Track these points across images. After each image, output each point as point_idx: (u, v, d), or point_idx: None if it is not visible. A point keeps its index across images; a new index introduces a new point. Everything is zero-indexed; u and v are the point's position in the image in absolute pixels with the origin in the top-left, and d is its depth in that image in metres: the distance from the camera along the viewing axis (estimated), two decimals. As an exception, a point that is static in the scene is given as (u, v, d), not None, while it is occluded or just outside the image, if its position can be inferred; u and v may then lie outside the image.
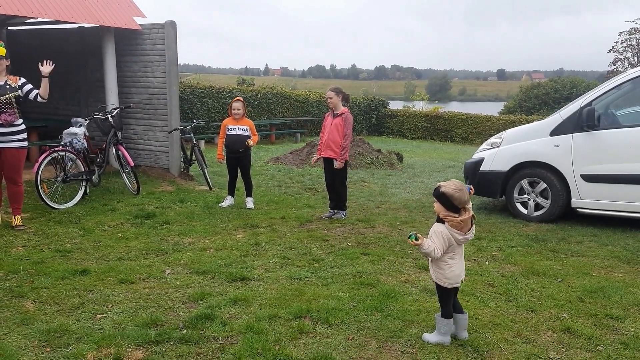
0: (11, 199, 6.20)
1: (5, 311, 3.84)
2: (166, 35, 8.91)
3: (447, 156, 15.12)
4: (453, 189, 3.41)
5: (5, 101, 5.95)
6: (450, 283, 3.53)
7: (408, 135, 21.89)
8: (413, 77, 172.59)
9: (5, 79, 6.03)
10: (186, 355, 3.28)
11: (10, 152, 6.04)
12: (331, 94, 7.04)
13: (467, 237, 3.48)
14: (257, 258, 5.31)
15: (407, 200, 8.45)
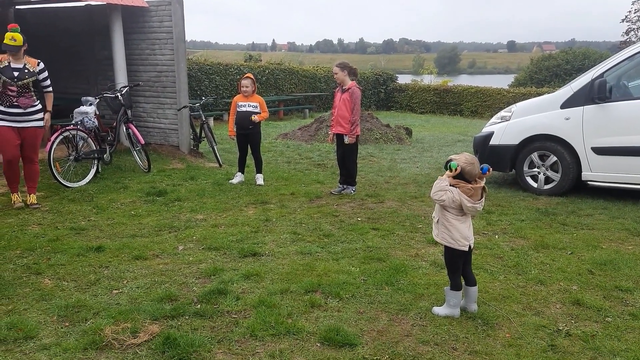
0: (27, 177, 6.30)
1: (24, 287, 3.94)
2: (173, 12, 8.85)
3: (457, 130, 15.03)
4: (464, 162, 3.44)
5: (24, 85, 6.00)
6: (456, 244, 3.53)
7: (417, 109, 21.75)
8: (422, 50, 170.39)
9: (24, 62, 6.05)
10: (201, 329, 3.36)
11: (29, 131, 6.13)
12: (336, 70, 7.00)
13: (476, 206, 3.48)
14: (268, 234, 5.37)
15: (416, 175, 8.45)
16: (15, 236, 5.12)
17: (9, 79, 5.90)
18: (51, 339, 3.20)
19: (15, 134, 6.04)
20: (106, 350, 3.09)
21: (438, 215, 3.60)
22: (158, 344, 3.12)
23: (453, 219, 3.53)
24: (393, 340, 3.28)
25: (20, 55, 6.01)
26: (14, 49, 5.88)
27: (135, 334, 3.25)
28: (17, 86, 5.95)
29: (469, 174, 3.44)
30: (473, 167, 3.44)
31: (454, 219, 3.53)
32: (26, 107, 6.05)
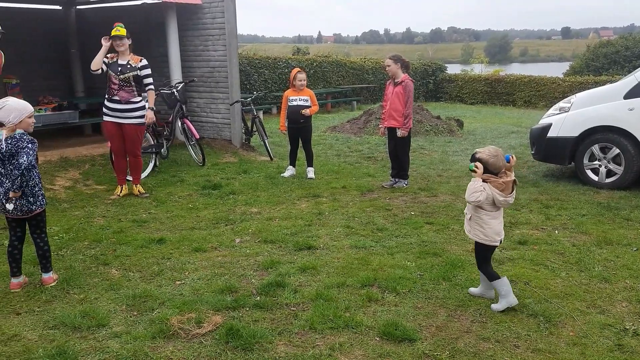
0: (132, 169, 6.74)
1: (94, 277, 4.14)
2: (226, 8, 9.00)
3: (510, 121, 14.65)
4: (488, 155, 3.48)
5: (125, 79, 6.30)
6: (489, 240, 3.58)
7: (467, 100, 21.30)
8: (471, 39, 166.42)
9: (128, 59, 6.39)
10: (261, 321, 3.44)
11: (129, 127, 6.45)
12: (389, 62, 6.96)
13: (508, 199, 3.51)
14: (322, 227, 5.42)
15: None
16: (83, 228, 5.37)
17: (114, 73, 6.32)
18: (121, 327, 3.36)
19: (118, 129, 6.42)
20: (173, 339, 3.22)
21: (470, 213, 3.65)
22: (222, 335, 3.22)
23: (486, 216, 3.57)
24: (452, 337, 3.26)
25: (125, 49, 6.36)
26: (118, 37, 6.27)
27: (200, 324, 3.36)
28: (119, 79, 6.29)
29: (493, 166, 3.48)
30: (497, 159, 3.47)
31: (486, 216, 3.57)
32: (125, 101, 6.34)
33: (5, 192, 3.76)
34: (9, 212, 3.79)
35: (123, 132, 6.47)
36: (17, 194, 3.75)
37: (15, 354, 3.04)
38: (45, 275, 3.98)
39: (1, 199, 3.77)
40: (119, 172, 6.69)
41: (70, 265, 4.36)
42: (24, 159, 3.69)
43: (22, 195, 3.79)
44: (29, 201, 3.83)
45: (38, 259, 4.00)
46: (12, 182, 3.71)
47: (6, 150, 3.70)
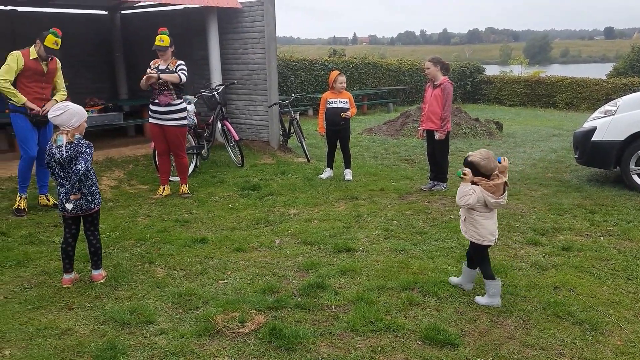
0: (178, 170, 6.94)
1: (140, 275, 4.27)
2: (265, 11, 9.12)
3: (550, 124, 14.33)
4: (479, 158, 3.60)
5: (163, 83, 6.47)
6: (484, 240, 3.71)
7: (506, 102, 20.94)
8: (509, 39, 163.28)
9: (168, 63, 6.56)
10: (303, 322, 3.48)
11: (170, 130, 6.62)
12: (429, 65, 6.92)
13: (499, 201, 3.62)
14: (360, 230, 5.43)
15: (509, 172, 8.13)
16: (128, 227, 5.53)
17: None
18: (168, 324, 3.45)
19: (161, 130, 6.61)
20: (218, 337, 3.29)
21: (465, 214, 3.77)
22: (265, 334, 3.28)
23: (479, 217, 3.68)
24: (496, 342, 3.23)
25: (167, 56, 6.53)
26: (161, 49, 6.45)
27: (243, 323, 3.43)
28: (158, 84, 6.46)
29: (485, 169, 3.58)
30: (488, 161, 3.58)
31: (480, 216, 3.68)
32: (165, 104, 6.51)
33: (65, 193, 3.93)
34: (68, 211, 3.96)
35: (165, 134, 6.64)
36: (77, 196, 3.94)
37: (69, 347, 3.17)
38: (95, 272, 4.13)
39: (61, 199, 3.95)
40: (162, 173, 6.86)
41: (117, 263, 4.50)
42: (81, 165, 3.87)
43: (81, 196, 3.96)
44: (87, 200, 4.00)
45: (89, 256, 4.15)
46: (72, 186, 3.90)
47: (67, 156, 3.87)
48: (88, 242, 4.13)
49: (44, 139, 5.96)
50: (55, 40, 5.74)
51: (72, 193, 3.92)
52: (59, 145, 3.89)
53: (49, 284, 4.09)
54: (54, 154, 3.88)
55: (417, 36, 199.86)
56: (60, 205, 4.00)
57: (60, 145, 3.88)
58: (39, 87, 5.86)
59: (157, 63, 6.60)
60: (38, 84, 5.88)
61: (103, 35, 11.44)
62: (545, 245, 4.92)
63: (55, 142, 3.91)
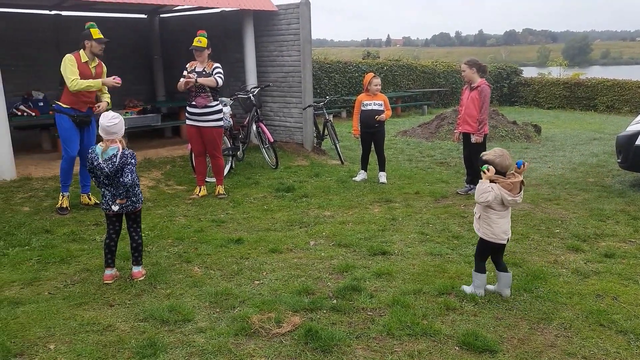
0: (214, 171, 7.04)
1: (178, 274, 4.34)
2: (301, 14, 9.17)
3: (591, 127, 13.95)
4: (494, 155, 3.70)
5: (200, 86, 6.57)
6: (496, 239, 3.77)
7: (544, 104, 20.47)
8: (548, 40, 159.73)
9: (205, 66, 6.67)
10: (339, 324, 3.48)
11: (207, 131, 6.73)
12: (464, 67, 6.84)
13: (516, 199, 3.70)
14: (395, 233, 5.40)
15: (548, 176, 8.00)
16: (166, 226, 5.64)
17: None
18: (205, 323, 3.50)
19: (197, 131, 6.72)
20: (254, 337, 3.32)
21: (480, 212, 3.83)
22: (301, 335, 3.29)
23: (494, 215, 3.75)
24: (536, 350, 3.16)
25: (203, 58, 6.63)
26: (198, 49, 6.56)
27: (280, 324, 3.45)
28: (195, 87, 6.56)
29: (500, 166, 3.68)
30: (503, 158, 3.68)
31: (495, 215, 3.75)
32: (202, 107, 6.62)
33: (112, 195, 4.05)
34: (114, 211, 4.07)
35: (202, 135, 6.73)
36: (123, 201, 4.09)
37: (111, 343, 3.25)
38: (136, 269, 4.22)
39: (107, 201, 4.07)
40: (199, 174, 6.97)
41: (156, 262, 4.59)
42: (128, 178, 4.01)
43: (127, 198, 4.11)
44: (132, 201, 4.14)
45: (131, 252, 4.25)
46: (119, 193, 4.06)
47: (114, 169, 3.98)
48: (131, 238, 4.24)
49: (87, 140, 6.14)
50: (98, 30, 5.92)
51: (119, 198, 4.07)
52: (109, 157, 3.98)
53: (91, 281, 4.21)
54: (102, 169, 3.97)
55: (452, 37, 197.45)
56: (105, 204, 4.10)
57: (110, 157, 3.98)
58: (87, 91, 6.03)
59: (194, 65, 6.70)
60: None
61: (142, 39, 11.71)
62: (587, 252, 4.79)
63: (103, 154, 3.99)
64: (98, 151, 4.02)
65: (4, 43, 9.80)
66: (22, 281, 4.23)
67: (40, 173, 7.53)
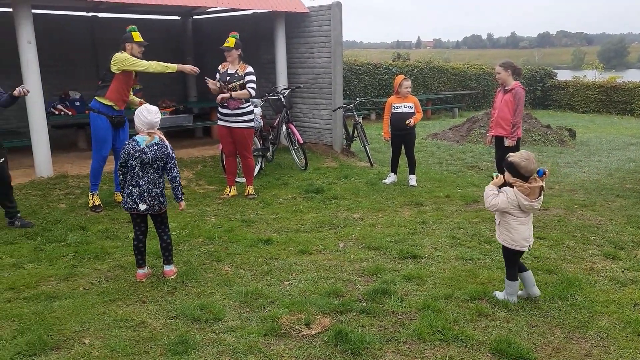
0: (244, 171, 7.12)
1: (209, 273, 4.39)
2: (332, 16, 9.17)
3: (628, 132, 13.58)
4: (520, 158, 3.62)
5: (232, 88, 6.66)
6: (516, 246, 3.71)
7: (578, 108, 20.03)
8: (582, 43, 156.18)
9: (237, 68, 6.75)
10: (369, 327, 3.46)
11: (238, 131, 6.81)
12: (499, 69, 6.72)
13: (533, 204, 3.63)
14: (426, 236, 5.35)
15: (583, 181, 7.81)
16: (197, 225, 5.71)
17: (223, 83, 6.67)
18: (236, 322, 3.53)
19: (229, 132, 6.79)
20: (284, 337, 3.33)
21: (499, 218, 3.78)
22: (330, 337, 3.29)
23: (514, 222, 3.69)
24: (571, 359, 3.09)
25: (233, 58, 6.69)
26: (225, 49, 6.64)
27: (309, 325, 3.45)
28: (227, 89, 6.63)
29: (525, 169, 3.59)
30: (528, 162, 3.59)
31: (514, 221, 3.69)
32: (233, 109, 6.70)
33: (140, 194, 4.09)
34: (140, 210, 4.12)
35: (233, 135, 6.79)
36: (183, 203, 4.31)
37: (144, 339, 3.30)
38: (167, 268, 4.28)
39: (135, 199, 4.10)
40: (229, 174, 7.03)
41: (187, 260, 4.65)
42: (176, 172, 4.18)
43: (155, 197, 4.14)
44: (160, 201, 4.18)
45: (161, 252, 4.31)
46: (175, 193, 4.23)
47: (154, 156, 4.08)
48: (160, 239, 4.29)
49: (119, 140, 6.26)
50: (139, 34, 6.10)
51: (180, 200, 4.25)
52: (152, 144, 4.07)
53: (124, 278, 4.28)
54: (145, 153, 4.06)
55: (483, 39, 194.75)
56: (132, 203, 4.11)
57: (152, 145, 4.08)
58: (127, 90, 6.19)
59: (226, 67, 6.75)
60: (127, 87, 6.20)
61: (175, 40, 11.89)
62: (624, 260, 4.65)
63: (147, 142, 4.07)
64: (141, 141, 4.08)
65: (43, 44, 10.06)
66: (58, 276, 4.33)
67: (76, 171, 7.71)
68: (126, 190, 4.16)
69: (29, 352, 3.14)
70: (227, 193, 6.96)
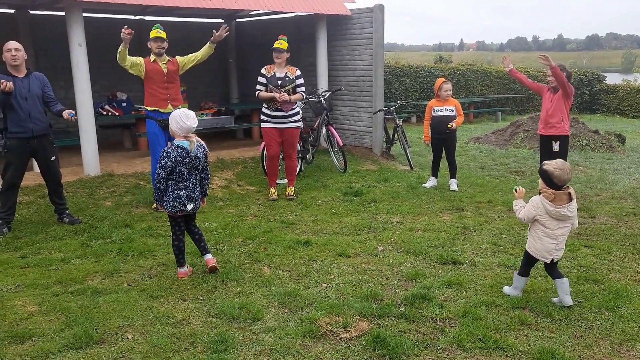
0: (287, 172, 7.20)
1: (248, 273, 4.44)
2: (374, 18, 9.15)
3: (682, 138, 13.00)
4: (554, 167, 3.62)
5: (286, 91, 6.74)
6: (538, 255, 3.77)
7: (628, 113, 19.32)
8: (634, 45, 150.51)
9: (286, 71, 6.83)
10: (407, 332, 3.42)
11: (290, 131, 6.92)
12: (549, 72, 6.55)
13: (559, 210, 3.62)
14: (466, 242, 5.26)
15: (633, 189, 7.52)
16: (237, 225, 5.78)
17: (274, 87, 6.71)
18: (274, 322, 3.55)
19: (278, 134, 6.87)
20: (322, 340, 3.33)
21: (530, 225, 3.86)
22: (368, 341, 3.27)
23: (540, 231, 3.73)
24: (619, 374, 2.97)
25: (282, 60, 6.75)
26: (279, 50, 6.69)
27: (347, 328, 3.44)
28: (282, 93, 6.69)
29: (558, 179, 3.60)
30: (562, 172, 3.60)
31: (541, 231, 3.72)
32: (287, 111, 6.79)
33: (187, 196, 4.18)
34: (188, 211, 4.21)
35: (283, 136, 6.86)
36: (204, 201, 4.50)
37: (185, 336, 3.36)
38: (208, 256, 4.39)
39: (183, 201, 4.19)
40: (272, 175, 7.08)
41: (227, 260, 4.71)
42: (209, 171, 4.35)
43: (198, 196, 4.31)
44: (200, 199, 4.34)
45: (197, 244, 4.43)
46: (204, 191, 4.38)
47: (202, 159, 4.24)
48: (191, 233, 4.43)
49: None
50: (156, 30, 6.24)
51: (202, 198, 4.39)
52: (196, 148, 4.19)
53: (166, 275, 4.38)
54: (199, 159, 4.19)
55: (529, 42, 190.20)
56: (180, 205, 4.17)
57: (198, 147, 4.20)
58: (162, 88, 6.32)
59: (272, 70, 6.79)
60: (160, 85, 6.33)
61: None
62: (677, 272, 4.45)
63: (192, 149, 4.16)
64: (186, 146, 4.16)
65: (93, 47, 10.42)
66: (103, 272, 4.47)
67: (121, 170, 7.94)
68: (171, 194, 4.17)
69: (75, 345, 3.24)
70: (274, 194, 6.98)
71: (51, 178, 5.78)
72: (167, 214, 4.31)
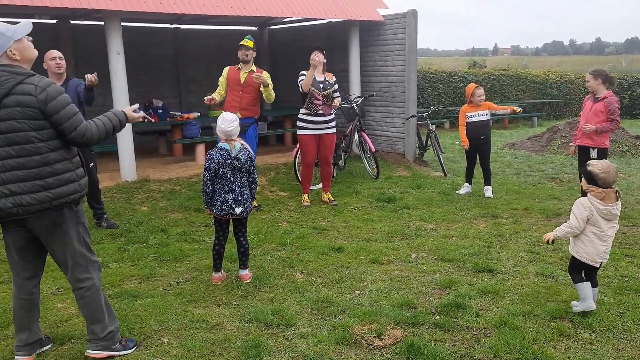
0: (323, 177, 7.22)
1: (281, 278, 4.45)
2: (407, 24, 9.09)
3: None
4: (600, 169, 3.59)
5: (327, 95, 6.82)
6: (589, 260, 3.66)
7: (671, 118, 18.65)
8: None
9: (324, 76, 6.90)
10: (442, 341, 3.37)
11: (328, 137, 6.97)
12: (588, 77, 6.39)
13: (609, 208, 3.58)
14: (502, 250, 5.15)
15: (678, 197, 7.25)
16: (270, 231, 5.81)
17: (317, 90, 6.77)
18: (307, 329, 3.55)
19: (315, 141, 6.91)
20: (355, 347, 3.31)
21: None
22: (402, 350, 3.23)
23: (592, 234, 3.64)
24: (665, 389, 2.86)
25: (321, 69, 6.83)
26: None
27: (381, 336, 3.41)
28: (322, 96, 6.78)
29: (603, 181, 3.57)
30: (608, 174, 3.57)
31: (593, 234, 3.64)
32: (327, 115, 6.86)
33: (234, 199, 4.22)
34: (237, 214, 4.25)
35: (321, 142, 6.89)
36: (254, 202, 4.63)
37: (218, 341, 3.39)
38: (243, 272, 4.39)
39: (230, 204, 4.23)
40: (307, 182, 7.10)
41: (260, 265, 4.74)
42: (256, 175, 4.37)
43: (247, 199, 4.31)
44: (250, 202, 4.35)
45: (238, 256, 4.42)
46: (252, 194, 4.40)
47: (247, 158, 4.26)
48: (238, 243, 4.40)
49: None
50: (245, 40, 6.51)
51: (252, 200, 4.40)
52: (238, 150, 4.21)
53: (201, 280, 4.43)
54: (239, 159, 4.21)
55: (565, 46, 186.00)
56: (228, 209, 4.21)
57: (240, 150, 4.22)
58: (236, 96, 6.50)
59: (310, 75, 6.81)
60: (235, 92, 6.48)
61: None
62: None
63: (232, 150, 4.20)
64: (228, 148, 4.21)
65: (129, 55, 10.69)
66: (140, 276, 4.55)
67: (157, 175, 8.09)
68: (218, 198, 4.21)
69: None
70: (306, 201, 7.00)
71: (89, 184, 5.91)
72: (214, 217, 4.36)
